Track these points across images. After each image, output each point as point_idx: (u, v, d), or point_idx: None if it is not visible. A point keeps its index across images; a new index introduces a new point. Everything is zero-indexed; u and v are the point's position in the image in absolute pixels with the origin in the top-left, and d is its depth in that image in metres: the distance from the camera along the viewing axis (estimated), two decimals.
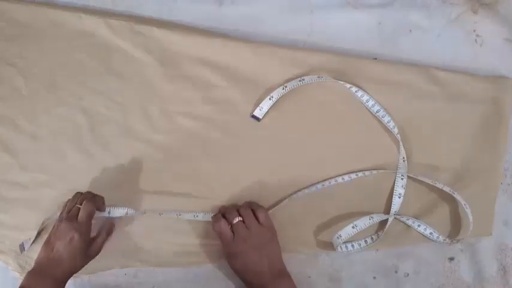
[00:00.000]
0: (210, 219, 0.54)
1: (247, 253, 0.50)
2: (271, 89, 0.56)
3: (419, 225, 0.57)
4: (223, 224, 0.51)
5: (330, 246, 0.56)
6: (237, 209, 0.52)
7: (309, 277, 0.57)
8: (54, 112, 0.56)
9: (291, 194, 0.56)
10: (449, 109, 0.58)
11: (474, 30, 0.59)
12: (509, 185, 0.60)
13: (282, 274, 0.51)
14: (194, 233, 0.56)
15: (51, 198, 0.55)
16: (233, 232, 0.50)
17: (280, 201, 0.56)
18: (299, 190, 0.56)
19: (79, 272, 0.49)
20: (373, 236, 0.57)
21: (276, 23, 0.58)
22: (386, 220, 0.56)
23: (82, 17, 0.56)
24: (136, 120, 0.56)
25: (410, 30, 0.59)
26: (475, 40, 0.59)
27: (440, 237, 0.57)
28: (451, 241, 0.58)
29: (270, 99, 0.56)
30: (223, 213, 0.53)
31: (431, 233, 0.57)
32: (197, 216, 0.55)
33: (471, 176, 0.58)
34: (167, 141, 0.56)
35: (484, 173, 0.59)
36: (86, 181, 0.56)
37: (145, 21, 0.57)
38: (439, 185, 0.57)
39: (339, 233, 0.55)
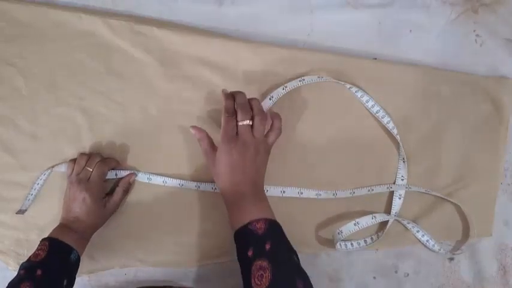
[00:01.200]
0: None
1: (240, 156, 0.48)
2: (271, 89, 0.56)
3: (418, 231, 0.57)
4: (232, 121, 0.49)
5: (330, 243, 0.56)
6: (251, 106, 0.50)
7: (309, 277, 0.57)
8: (54, 112, 0.56)
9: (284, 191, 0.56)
10: (449, 109, 0.58)
11: (474, 30, 0.59)
12: (509, 185, 0.60)
13: (262, 196, 0.49)
14: (194, 233, 0.56)
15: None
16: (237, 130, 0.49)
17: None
18: (299, 192, 0.56)
19: (79, 271, 0.49)
20: (373, 236, 0.57)
21: (276, 23, 0.58)
22: (387, 221, 0.57)
23: (82, 17, 0.56)
24: (136, 120, 0.56)
25: (410, 30, 0.59)
26: (475, 40, 0.59)
27: (436, 245, 0.57)
28: (446, 252, 0.58)
29: (270, 99, 0.56)
30: (238, 108, 0.49)
31: (427, 241, 0.57)
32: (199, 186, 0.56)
33: (471, 176, 0.59)
34: (167, 141, 0.56)
35: (484, 173, 0.59)
36: None
37: (146, 21, 0.57)
38: (435, 193, 0.57)
39: (341, 228, 0.54)
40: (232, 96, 0.50)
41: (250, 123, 0.49)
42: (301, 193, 0.56)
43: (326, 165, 0.57)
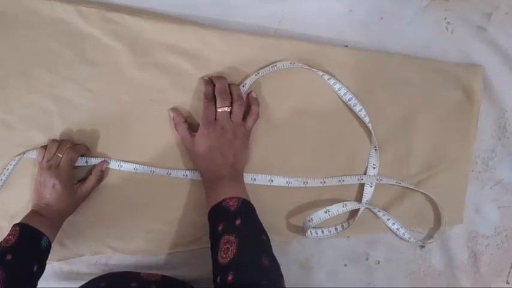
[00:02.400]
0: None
1: (218, 139, 0.50)
2: (243, 77, 0.56)
3: (388, 219, 0.57)
4: (211, 107, 0.51)
5: (300, 231, 0.56)
6: (231, 92, 0.52)
7: (280, 264, 0.57)
8: (25, 99, 0.56)
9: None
10: (420, 97, 0.58)
11: (445, 18, 0.59)
12: (480, 172, 0.60)
13: (240, 179, 0.52)
14: (165, 220, 0.56)
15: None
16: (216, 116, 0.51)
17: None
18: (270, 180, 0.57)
19: (49, 258, 0.49)
20: (344, 224, 0.57)
21: (248, 11, 0.57)
22: (358, 208, 0.57)
23: (54, 5, 0.56)
24: (108, 108, 0.56)
25: (381, 18, 0.58)
26: (446, 28, 0.59)
27: (406, 234, 0.58)
28: (416, 241, 0.58)
29: (243, 86, 0.56)
30: (217, 94, 0.52)
31: (398, 229, 0.58)
32: (169, 173, 0.56)
33: (442, 163, 0.59)
34: (138, 129, 0.56)
35: (455, 161, 0.59)
36: None
37: (117, 9, 0.57)
38: (405, 184, 0.57)
39: (311, 216, 0.54)
40: (211, 82, 0.53)
41: (229, 109, 0.51)
42: (272, 181, 0.56)
43: (297, 153, 0.57)
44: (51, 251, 0.50)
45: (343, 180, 0.57)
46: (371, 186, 0.57)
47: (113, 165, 0.56)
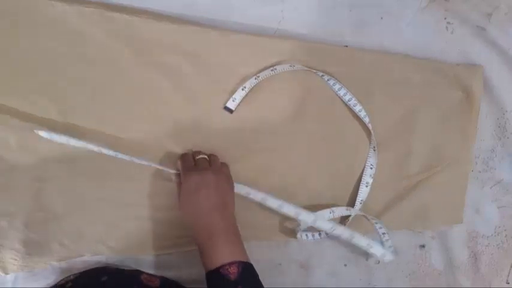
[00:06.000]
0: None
1: (200, 181, 0.47)
2: (243, 79, 0.56)
3: (380, 227, 0.56)
4: (188, 156, 0.52)
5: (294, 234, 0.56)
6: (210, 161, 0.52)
7: (279, 264, 0.58)
8: (26, 99, 0.56)
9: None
10: (420, 97, 0.58)
11: (445, 18, 0.59)
12: (480, 172, 0.60)
13: (234, 230, 0.47)
14: (165, 223, 0.56)
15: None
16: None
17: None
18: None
19: (49, 258, 0.49)
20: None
21: (247, 11, 0.57)
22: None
23: (54, 5, 0.56)
24: (107, 108, 0.56)
25: (381, 18, 0.58)
26: (446, 28, 0.59)
27: (389, 242, 0.55)
28: (392, 252, 0.55)
29: (242, 89, 0.55)
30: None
31: (387, 240, 0.56)
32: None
33: (442, 163, 0.59)
34: (138, 129, 0.56)
35: (454, 161, 0.59)
36: (58, 169, 0.56)
37: (117, 9, 0.57)
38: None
39: (299, 220, 0.53)
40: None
41: (206, 156, 0.51)
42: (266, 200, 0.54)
43: (296, 154, 0.57)
44: (51, 251, 0.50)
45: (333, 212, 0.55)
46: (367, 186, 0.57)
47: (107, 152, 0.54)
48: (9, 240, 0.51)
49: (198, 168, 0.49)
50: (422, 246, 0.60)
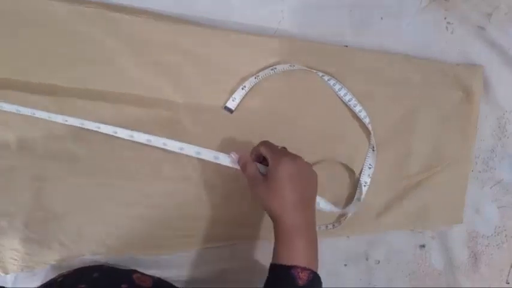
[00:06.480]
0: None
1: (295, 163, 0.45)
2: (243, 78, 0.56)
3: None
4: (271, 143, 0.48)
5: None
6: None
7: None
8: (25, 99, 0.56)
9: None
10: (420, 97, 0.58)
11: (445, 18, 0.59)
12: (480, 172, 0.60)
13: (313, 233, 0.45)
14: (164, 223, 0.56)
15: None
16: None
17: None
18: None
19: (49, 258, 0.49)
20: (335, 224, 0.57)
21: (247, 11, 0.58)
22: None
23: (54, 5, 0.56)
24: (107, 108, 0.56)
25: (381, 18, 0.58)
26: (446, 28, 0.59)
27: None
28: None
29: (242, 89, 0.56)
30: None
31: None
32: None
33: (442, 163, 0.59)
34: (137, 128, 0.56)
35: (454, 161, 0.59)
36: (58, 168, 0.56)
37: (117, 9, 0.57)
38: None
39: None
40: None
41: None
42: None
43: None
44: (51, 251, 0.50)
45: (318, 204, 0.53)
46: (364, 186, 0.57)
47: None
48: (9, 240, 0.51)
49: (292, 155, 0.46)
50: (422, 246, 0.60)
